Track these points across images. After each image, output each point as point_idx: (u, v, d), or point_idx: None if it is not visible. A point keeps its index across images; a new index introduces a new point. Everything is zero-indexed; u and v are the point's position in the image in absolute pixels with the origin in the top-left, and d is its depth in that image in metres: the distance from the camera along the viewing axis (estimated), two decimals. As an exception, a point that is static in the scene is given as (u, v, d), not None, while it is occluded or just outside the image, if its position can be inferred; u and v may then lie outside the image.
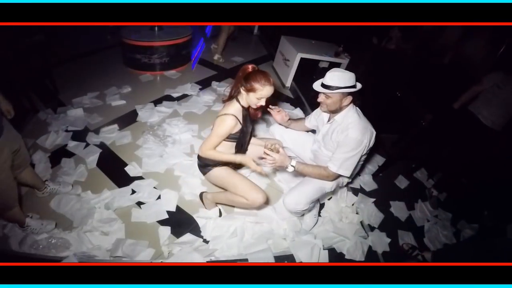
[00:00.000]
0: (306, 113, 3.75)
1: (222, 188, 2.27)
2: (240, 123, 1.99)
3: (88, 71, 3.99)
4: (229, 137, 2.00)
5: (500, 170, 2.75)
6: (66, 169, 2.57)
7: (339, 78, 1.86)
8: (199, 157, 2.22)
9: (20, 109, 2.95)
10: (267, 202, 2.34)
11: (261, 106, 1.97)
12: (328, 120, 2.15)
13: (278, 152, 1.90)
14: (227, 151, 2.09)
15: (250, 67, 1.90)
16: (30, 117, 3.08)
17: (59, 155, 2.70)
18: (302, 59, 4.10)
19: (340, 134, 1.98)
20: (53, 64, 3.77)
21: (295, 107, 3.92)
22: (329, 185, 2.18)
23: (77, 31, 4.82)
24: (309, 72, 4.40)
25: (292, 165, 1.94)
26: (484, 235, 2.61)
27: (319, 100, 1.99)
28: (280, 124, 2.47)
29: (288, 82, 4.34)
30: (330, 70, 1.91)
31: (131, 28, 4.16)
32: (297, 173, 2.09)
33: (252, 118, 2.14)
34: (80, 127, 3.03)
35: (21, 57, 3.07)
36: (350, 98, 1.92)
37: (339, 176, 2.06)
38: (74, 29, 4.73)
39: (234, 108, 1.96)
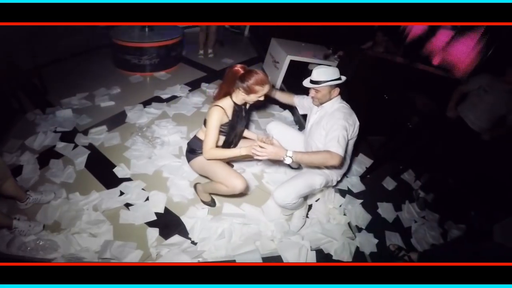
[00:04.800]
0: (295, 115, 3.80)
1: (205, 177, 2.37)
2: (228, 116, 2.05)
3: (78, 72, 3.96)
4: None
5: (486, 172, 2.80)
6: (54, 171, 2.55)
7: (325, 73, 2.08)
8: (188, 143, 2.32)
9: (8, 109, 2.94)
10: (247, 189, 2.42)
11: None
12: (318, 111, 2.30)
13: (272, 144, 1.90)
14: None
15: (240, 68, 1.97)
16: (18, 118, 3.05)
17: (47, 156, 2.68)
18: (291, 61, 4.12)
19: (329, 120, 2.10)
20: (42, 64, 3.73)
21: (284, 109, 3.94)
22: (319, 182, 2.25)
23: (67, 30, 4.78)
24: (298, 74, 4.43)
25: (289, 156, 1.87)
26: (470, 236, 2.66)
27: (310, 95, 2.21)
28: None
29: (278, 84, 4.35)
30: (314, 67, 2.14)
31: (121, 28, 4.14)
32: (296, 164, 2.24)
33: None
34: (69, 128, 3.01)
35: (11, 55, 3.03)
36: (338, 89, 2.15)
37: (342, 159, 2.00)
38: (64, 29, 4.68)
39: (225, 102, 2.06)
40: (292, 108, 3.92)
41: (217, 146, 2.15)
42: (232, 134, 2.19)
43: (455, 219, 2.90)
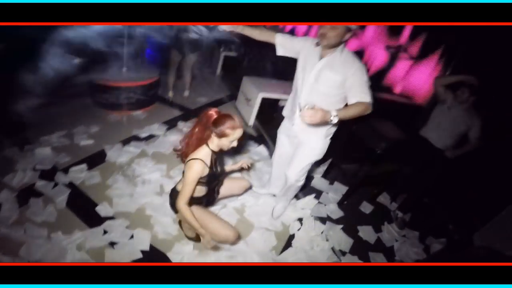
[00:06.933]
0: (270, 150, 3.94)
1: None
2: (208, 167, 2.04)
3: (56, 109, 3.87)
4: (198, 181, 2.04)
5: (456, 185, 3.01)
6: (34, 209, 2.46)
7: None
8: (170, 196, 2.29)
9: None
10: (239, 237, 2.44)
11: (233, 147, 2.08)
12: (321, 58, 2.16)
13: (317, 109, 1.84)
14: (197, 194, 2.16)
15: (214, 113, 1.99)
16: None
17: (26, 194, 2.60)
18: (263, 99, 4.31)
19: (345, 64, 2.05)
20: (20, 100, 3.66)
21: (259, 144, 4.09)
22: (316, 141, 2.39)
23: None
24: (270, 110, 4.65)
25: (334, 115, 1.88)
26: (452, 247, 2.82)
27: (322, 32, 1.99)
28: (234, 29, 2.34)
29: (251, 121, 4.52)
30: None
31: (98, 68, 4.20)
32: (280, 190, 2.45)
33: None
34: (48, 166, 2.94)
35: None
36: (350, 34, 2.01)
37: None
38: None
39: (203, 153, 2.02)
40: (267, 143, 4.08)
41: (198, 197, 2.19)
42: (213, 182, 2.22)
43: (435, 234, 3.08)
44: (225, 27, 2.30)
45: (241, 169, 2.71)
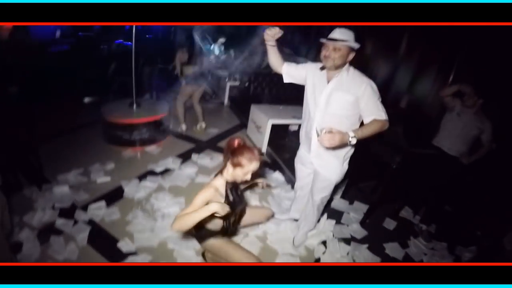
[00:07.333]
0: (285, 175, 3.90)
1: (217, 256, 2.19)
2: (221, 196, 1.95)
3: (71, 148, 3.97)
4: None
5: (476, 190, 2.93)
6: (55, 247, 2.44)
7: (347, 33, 2.01)
8: (194, 228, 2.16)
9: (5, 184, 2.87)
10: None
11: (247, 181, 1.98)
12: (328, 81, 2.18)
13: (334, 132, 1.87)
14: (214, 227, 2.06)
15: (236, 142, 1.92)
16: (15, 194, 2.96)
17: (47, 232, 2.58)
18: (273, 125, 4.34)
19: (353, 83, 2.07)
20: (37, 140, 3.71)
21: (274, 170, 4.05)
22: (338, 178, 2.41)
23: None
24: (281, 136, 4.67)
25: (352, 137, 1.92)
26: (483, 254, 2.69)
27: (325, 54, 2.05)
28: (269, 40, 2.22)
29: (264, 148, 4.50)
30: (338, 27, 2.04)
31: (111, 106, 4.31)
32: (299, 214, 2.42)
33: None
34: (67, 204, 2.94)
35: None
36: (353, 54, 2.06)
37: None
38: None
39: (218, 182, 1.95)
40: (282, 169, 4.04)
41: (215, 231, 2.07)
42: (229, 216, 2.05)
43: (464, 243, 2.98)
44: (271, 31, 2.15)
45: (256, 186, 2.57)
